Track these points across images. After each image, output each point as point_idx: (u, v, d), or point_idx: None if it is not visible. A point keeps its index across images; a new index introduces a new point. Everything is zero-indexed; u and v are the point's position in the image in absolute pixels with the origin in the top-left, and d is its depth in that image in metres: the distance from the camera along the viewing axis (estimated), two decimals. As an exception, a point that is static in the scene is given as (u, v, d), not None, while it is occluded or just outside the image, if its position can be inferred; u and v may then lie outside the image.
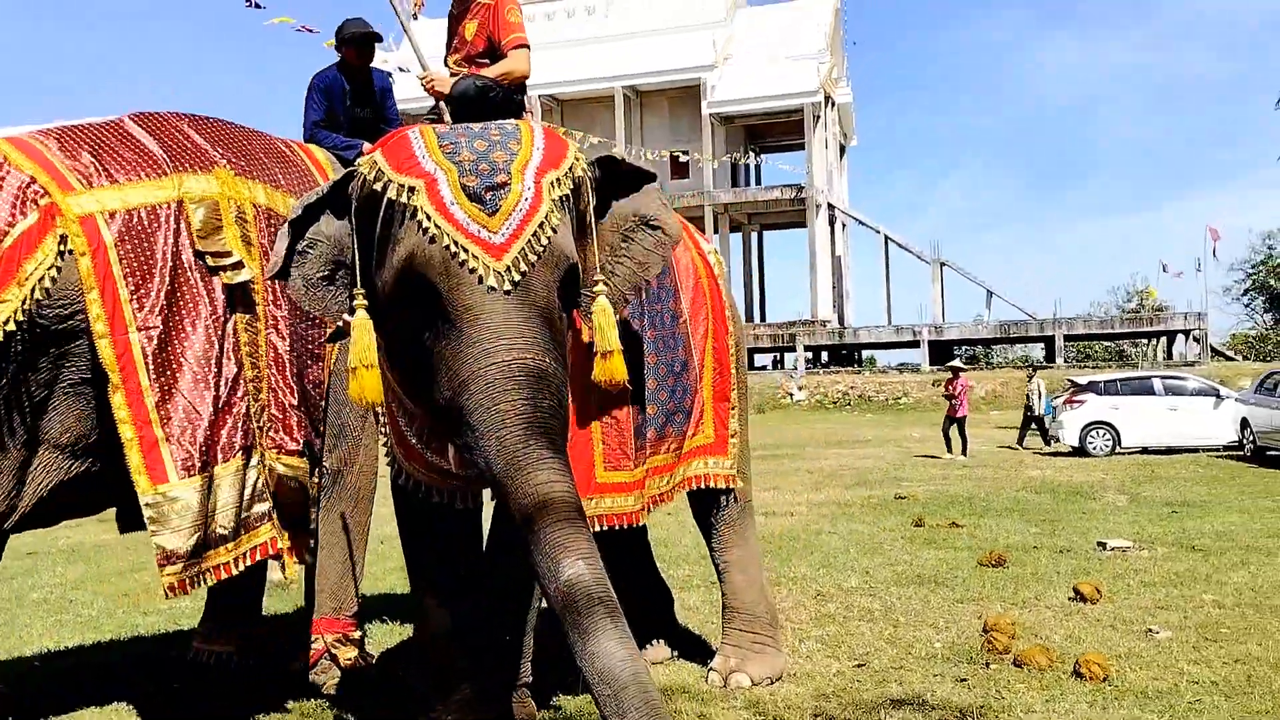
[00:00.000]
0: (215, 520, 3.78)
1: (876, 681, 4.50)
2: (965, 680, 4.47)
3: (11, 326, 3.50)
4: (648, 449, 4.01)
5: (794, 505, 10.87)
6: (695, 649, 5.03)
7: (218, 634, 4.85)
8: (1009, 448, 18.65)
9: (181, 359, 3.77)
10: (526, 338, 2.92)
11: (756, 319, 45.87)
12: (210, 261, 3.90)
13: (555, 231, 3.03)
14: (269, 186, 4.25)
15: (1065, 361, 36.65)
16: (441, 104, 4.02)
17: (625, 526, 3.93)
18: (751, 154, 46.22)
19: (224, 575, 3.85)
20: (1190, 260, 37.01)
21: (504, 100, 3.55)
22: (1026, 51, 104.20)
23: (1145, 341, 41.78)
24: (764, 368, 42.21)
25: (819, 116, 41.62)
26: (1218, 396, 16.90)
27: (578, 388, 3.45)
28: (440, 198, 2.98)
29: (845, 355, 42.29)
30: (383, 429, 3.67)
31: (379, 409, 3.47)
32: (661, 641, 4.99)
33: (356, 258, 3.16)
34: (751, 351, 41.79)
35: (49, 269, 3.58)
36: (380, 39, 5.23)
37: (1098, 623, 5.45)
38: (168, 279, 3.79)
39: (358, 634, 4.68)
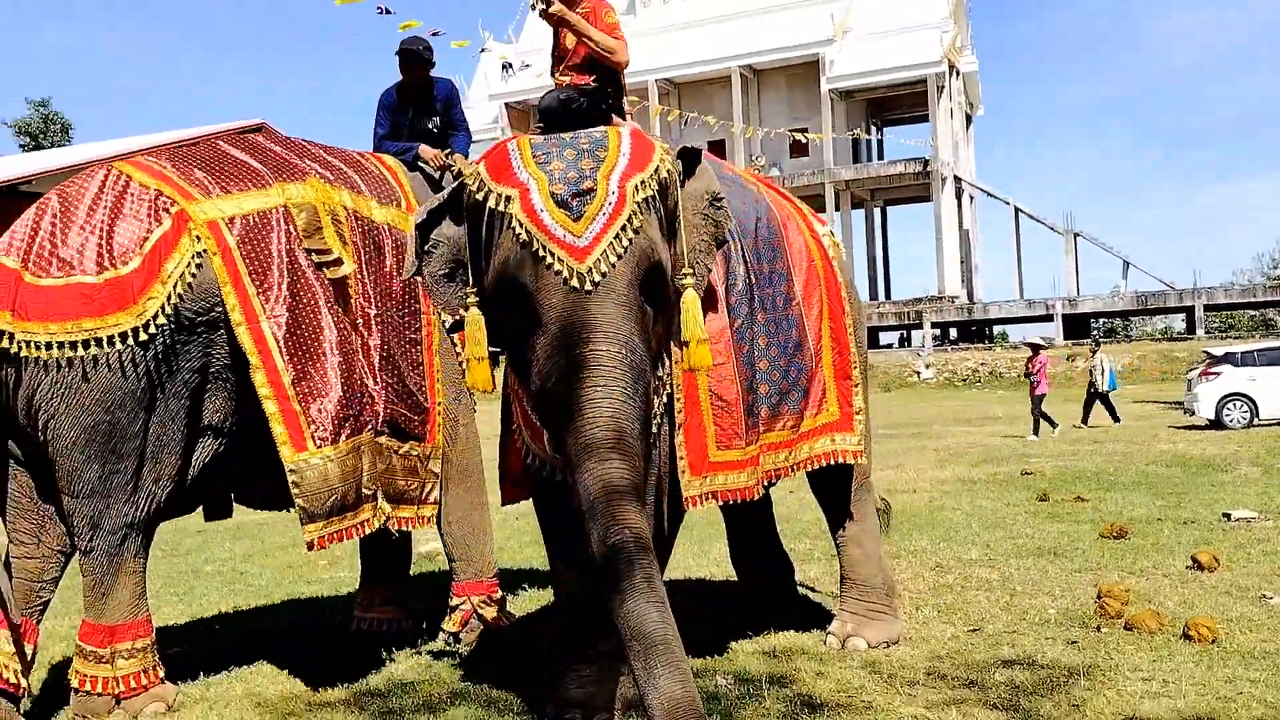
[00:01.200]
0: (346, 486, 4.27)
1: (989, 645, 4.73)
2: (1076, 642, 4.67)
3: (162, 320, 3.98)
4: (761, 427, 4.30)
5: (917, 482, 11.00)
6: (815, 618, 5.32)
7: (374, 602, 5.46)
8: (1095, 426, 18.14)
9: (307, 344, 4.24)
10: (605, 335, 3.25)
11: (881, 296, 45.39)
12: (316, 259, 4.37)
13: (637, 233, 3.34)
14: (352, 191, 4.75)
15: (1206, 332, 35.29)
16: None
17: (741, 501, 4.23)
18: (873, 128, 45.70)
19: (355, 535, 4.37)
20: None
21: (590, 109, 3.78)
22: (1160, 10, 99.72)
23: (1298, 309, 39.91)
24: (890, 346, 41.76)
25: (943, 87, 40.84)
26: (1364, 365, 16.26)
27: (688, 373, 3.79)
28: (532, 205, 3.34)
29: (974, 331, 41.53)
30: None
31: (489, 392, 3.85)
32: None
33: (468, 258, 3.58)
34: (876, 330, 41.42)
35: (188, 268, 4.06)
36: (427, 53, 5.51)
37: (1213, 590, 5.54)
38: (285, 274, 4.25)
39: (499, 595, 5.16)
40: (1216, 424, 16.41)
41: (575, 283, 3.25)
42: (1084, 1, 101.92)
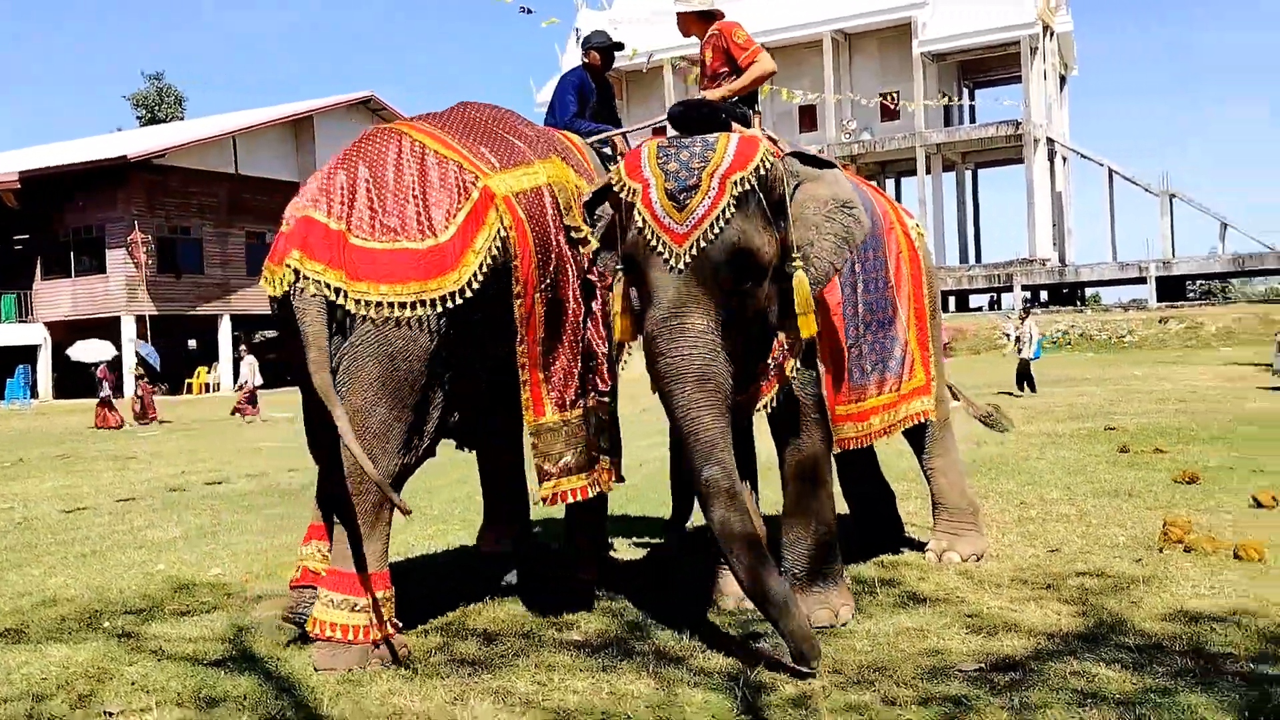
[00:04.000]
0: (576, 450, 4.71)
1: (1065, 561, 5.61)
2: (1140, 560, 5.52)
3: (476, 285, 4.27)
4: (870, 389, 5.23)
5: (1005, 437, 11.71)
6: (914, 542, 6.23)
7: (489, 543, 5.69)
8: (1010, 393, 17.27)
9: (557, 318, 4.65)
10: (688, 309, 4.14)
11: (971, 260, 45.47)
12: (573, 236, 4.73)
13: (728, 223, 4.15)
14: (575, 170, 5.01)
15: (1308, 294, 34.87)
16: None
17: (856, 449, 5.21)
18: (964, 91, 45.53)
19: (578, 498, 4.76)
20: None
21: (708, 118, 4.56)
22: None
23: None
24: (979, 309, 41.97)
25: (1036, 48, 40.62)
26: None
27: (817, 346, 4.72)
28: (649, 198, 4.25)
29: (1066, 294, 41.48)
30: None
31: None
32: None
33: (618, 234, 4.45)
34: (966, 293, 41.67)
35: (495, 239, 4.36)
36: (622, 48, 6.28)
37: (1268, 524, 6.32)
38: (552, 251, 4.61)
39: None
40: (1308, 385, 16.73)
41: (674, 262, 4.16)
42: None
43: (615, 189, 4.40)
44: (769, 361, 4.61)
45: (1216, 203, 58.53)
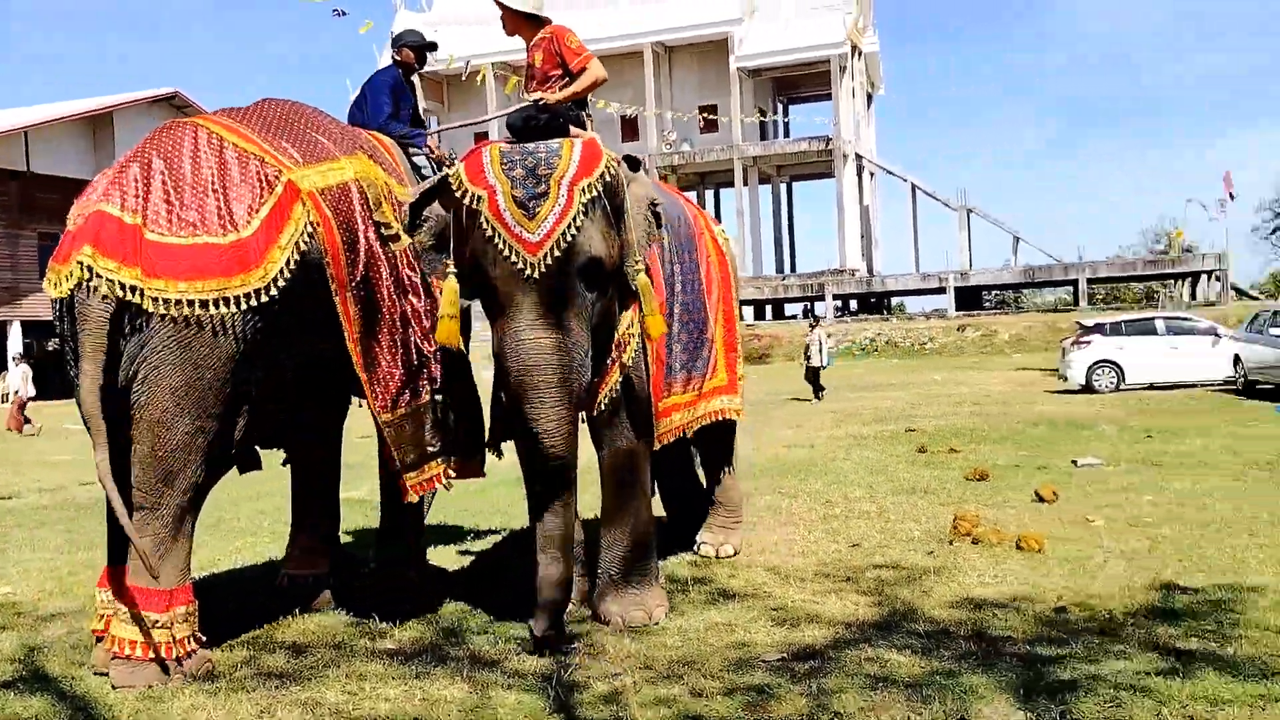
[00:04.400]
0: (423, 444, 4.70)
1: (864, 555, 5.90)
2: (932, 553, 5.87)
3: (283, 282, 4.11)
4: (677, 387, 5.38)
5: (815, 439, 12.25)
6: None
7: (302, 548, 5.42)
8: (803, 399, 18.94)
9: (375, 316, 4.51)
10: (546, 318, 4.20)
11: (786, 269, 46.92)
12: (384, 233, 4.57)
13: (579, 230, 4.23)
14: (384, 170, 4.85)
15: (1091, 304, 37.56)
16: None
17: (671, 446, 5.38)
18: (779, 106, 47.06)
19: (429, 489, 4.80)
20: (1226, 199, 37.90)
21: (548, 124, 4.64)
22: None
23: (1173, 283, 42.47)
24: (794, 317, 43.35)
25: (845, 67, 42.30)
26: (1216, 335, 18.03)
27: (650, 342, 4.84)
28: (497, 205, 4.26)
29: (874, 303, 43.34)
30: None
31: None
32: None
33: (451, 236, 4.44)
34: (781, 301, 42.97)
35: (301, 236, 4.21)
36: (435, 47, 6.09)
37: (1049, 516, 6.82)
38: (361, 248, 4.45)
39: None
40: (1087, 388, 18.02)
41: (528, 271, 4.19)
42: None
43: (456, 194, 4.35)
44: (609, 361, 4.69)
45: (1010, 218, 62.27)
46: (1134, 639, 4.17)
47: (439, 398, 4.82)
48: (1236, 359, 16.72)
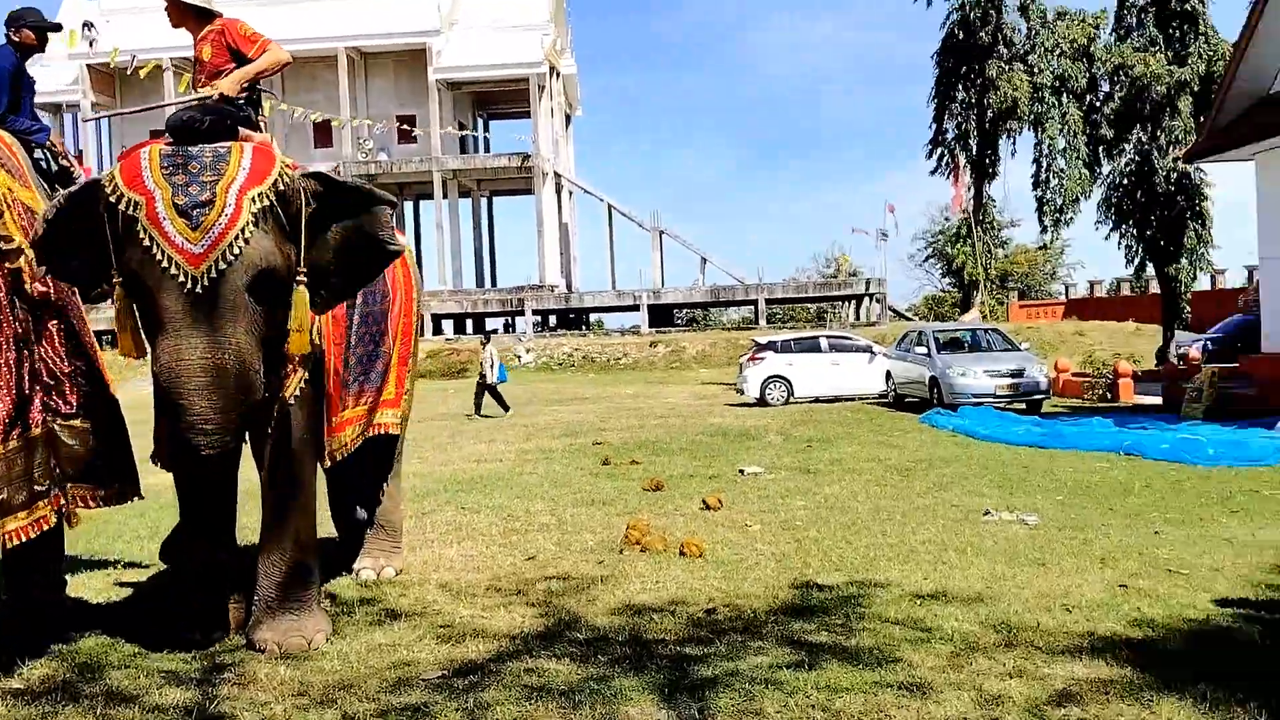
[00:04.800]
0: (14, 485, 4.20)
1: (538, 568, 6.02)
2: (602, 561, 6.08)
3: None
4: (350, 401, 5.28)
5: (505, 454, 12.34)
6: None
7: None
8: (486, 416, 18.13)
9: None
10: (210, 337, 3.95)
11: (487, 284, 46.96)
12: (1, 247, 4.19)
13: (248, 242, 4.00)
14: (7, 173, 4.42)
15: (769, 323, 40.12)
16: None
17: (340, 464, 5.30)
18: (480, 121, 47.16)
19: (19, 540, 4.26)
20: (890, 229, 41.82)
21: (213, 125, 4.31)
22: (749, 28, 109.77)
23: (841, 304, 46.09)
24: (495, 331, 43.54)
25: (544, 86, 42.99)
26: (871, 353, 19.77)
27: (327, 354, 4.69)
28: (156, 213, 3.97)
29: (574, 319, 44.22)
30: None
31: None
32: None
33: (109, 245, 4.10)
34: (482, 315, 43.00)
35: None
36: (59, 28, 5.45)
37: (713, 523, 7.23)
38: None
39: None
40: (761, 402, 19.20)
41: (190, 285, 3.93)
42: (685, 8, 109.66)
43: (111, 199, 4.02)
44: (283, 373, 4.47)
45: (700, 239, 65.71)
46: (772, 635, 4.51)
47: (75, 423, 4.45)
48: (888, 375, 18.41)
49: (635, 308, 40.12)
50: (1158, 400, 15.98)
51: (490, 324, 44.91)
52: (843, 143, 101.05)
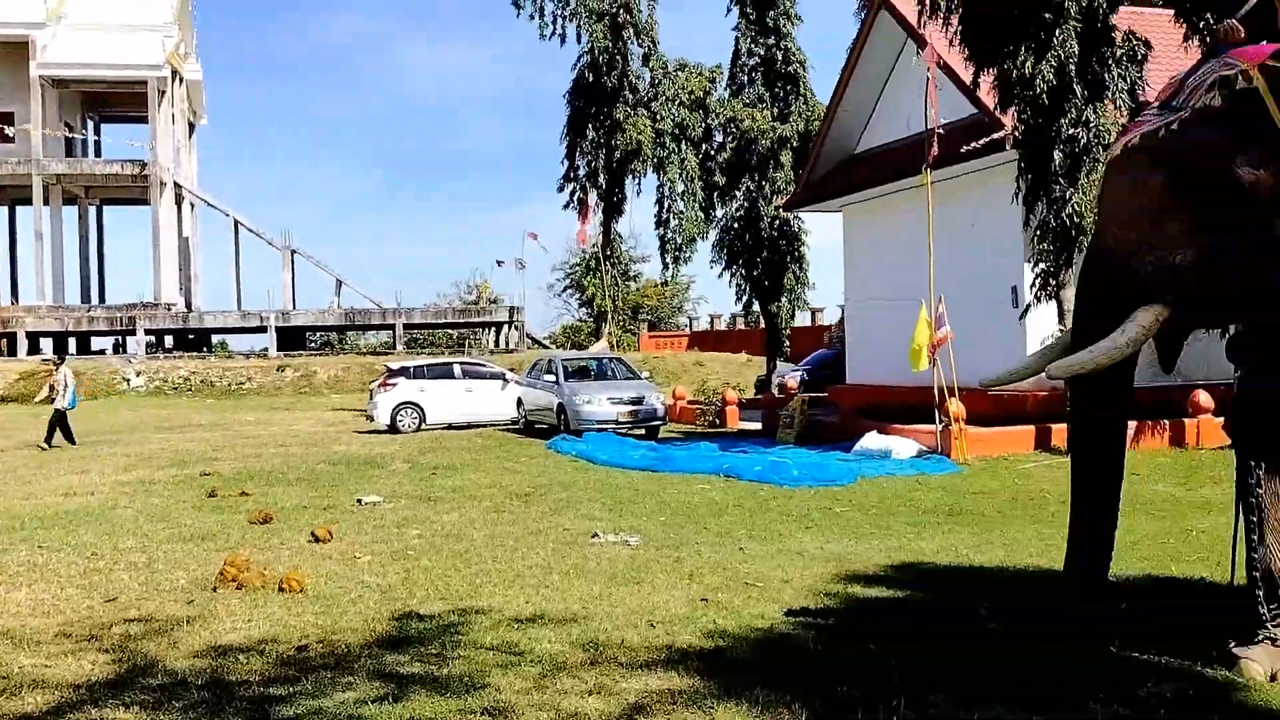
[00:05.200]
0: None
1: (119, 610, 5.59)
2: (193, 601, 5.75)
3: None
4: None
5: (99, 485, 11.34)
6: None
7: None
8: (57, 446, 16.28)
9: None
10: None
11: (94, 299, 43.08)
12: None
13: None
14: None
15: (408, 348, 39.63)
16: None
17: None
18: (91, 123, 43.29)
19: None
20: (526, 258, 42.57)
21: None
22: (390, 50, 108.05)
23: (483, 330, 46.40)
24: (102, 352, 39.95)
25: (164, 91, 40.27)
26: (504, 380, 20.09)
27: None
28: None
29: (194, 340, 41.41)
30: None
31: None
32: None
33: None
34: (88, 334, 39.35)
35: None
36: None
37: (321, 556, 7.04)
38: None
39: None
40: (392, 428, 18.93)
41: None
42: (326, 25, 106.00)
43: None
44: None
45: (336, 261, 64.13)
46: (364, 670, 4.46)
47: None
48: (519, 401, 18.76)
49: (263, 329, 38.34)
50: (759, 426, 17.41)
51: (97, 343, 41.24)
52: (487, 170, 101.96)
